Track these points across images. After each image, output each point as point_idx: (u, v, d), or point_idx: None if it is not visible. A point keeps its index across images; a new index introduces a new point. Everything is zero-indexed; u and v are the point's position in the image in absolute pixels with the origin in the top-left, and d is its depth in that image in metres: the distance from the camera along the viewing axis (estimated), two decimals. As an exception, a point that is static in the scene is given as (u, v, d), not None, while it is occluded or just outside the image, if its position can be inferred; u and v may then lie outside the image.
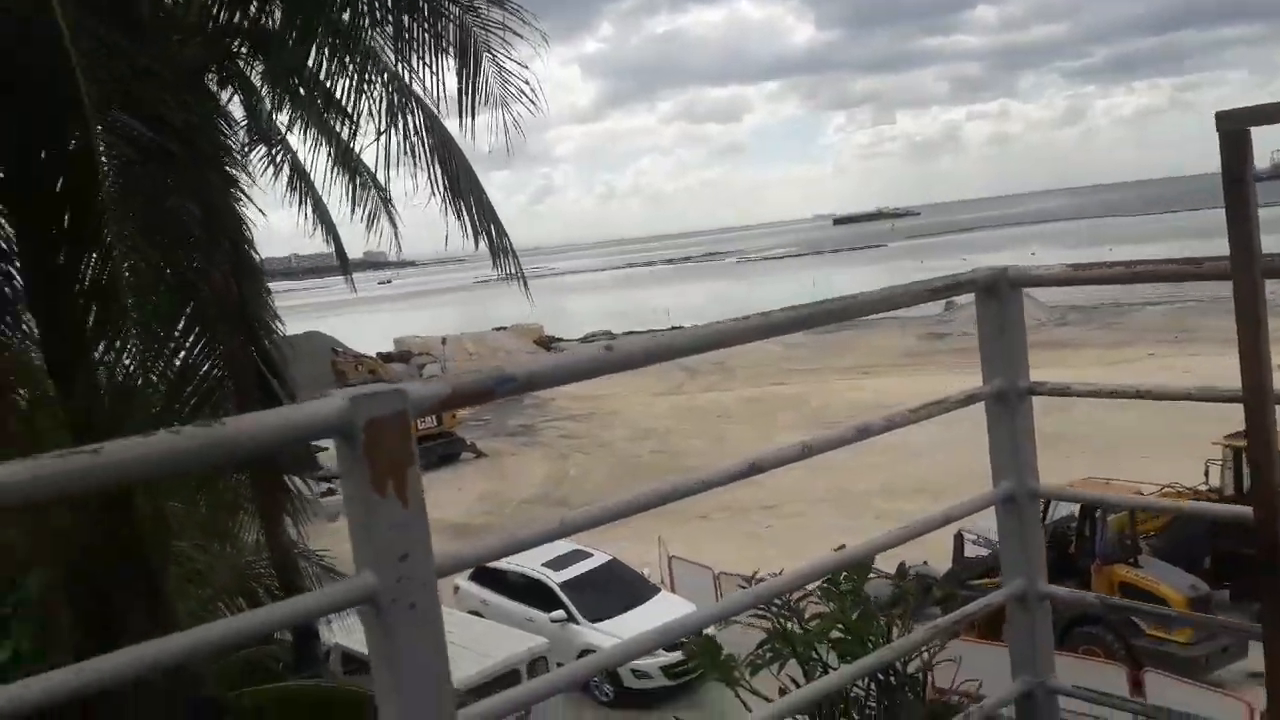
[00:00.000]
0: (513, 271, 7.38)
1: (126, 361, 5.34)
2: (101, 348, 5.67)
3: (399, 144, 6.73)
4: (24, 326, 5.82)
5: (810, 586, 3.99)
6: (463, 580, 18.50)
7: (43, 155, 5.59)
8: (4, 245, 5.58)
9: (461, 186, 6.88)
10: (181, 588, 7.36)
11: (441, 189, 6.84)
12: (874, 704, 2.91)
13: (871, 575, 4.34)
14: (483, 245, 7.37)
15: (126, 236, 4.70)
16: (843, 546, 2.50)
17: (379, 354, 54.74)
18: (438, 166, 6.82)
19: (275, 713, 8.99)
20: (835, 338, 49.93)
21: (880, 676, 2.87)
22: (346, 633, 12.74)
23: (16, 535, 7.36)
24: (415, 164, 6.74)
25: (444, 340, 59.51)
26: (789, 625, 3.14)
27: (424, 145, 6.79)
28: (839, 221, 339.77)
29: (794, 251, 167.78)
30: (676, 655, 15.40)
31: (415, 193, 6.84)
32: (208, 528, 9.20)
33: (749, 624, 3.88)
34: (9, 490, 1.10)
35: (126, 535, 6.15)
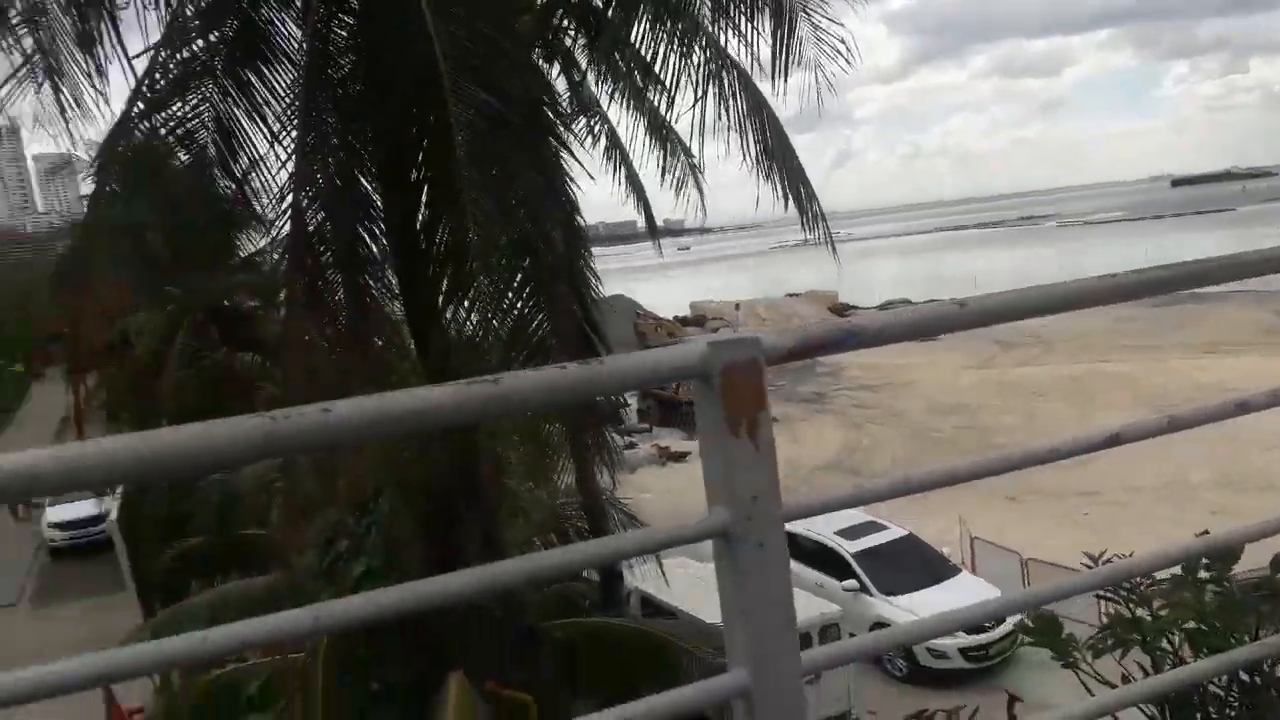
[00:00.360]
0: (821, 236, 7.30)
1: (473, 318, 5.88)
2: (451, 305, 6.25)
3: (714, 109, 6.85)
4: (387, 284, 6.54)
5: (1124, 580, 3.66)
6: (756, 540, 18.74)
7: (405, 130, 6.24)
8: (373, 210, 6.31)
9: (773, 150, 6.89)
10: (509, 520, 8.05)
11: (754, 153, 6.88)
12: (1236, 704, 2.61)
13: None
14: (782, 211, 7.34)
15: (476, 201, 5.17)
16: (1205, 532, 2.27)
17: (676, 318, 56.51)
18: (751, 130, 6.86)
19: (583, 646, 9.65)
20: (1174, 311, 44.51)
21: (1244, 676, 2.57)
22: (646, 579, 13.44)
23: (370, 466, 8.38)
24: (730, 128, 6.83)
25: (737, 306, 60.30)
26: (1137, 611, 2.89)
27: (739, 109, 6.85)
28: (1178, 183, 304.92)
29: (1122, 215, 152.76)
30: (979, 638, 14.82)
31: (726, 157, 6.93)
32: (530, 470, 10.01)
33: (1066, 616, 3.62)
34: (436, 412, 1.25)
35: (468, 470, 6.79)
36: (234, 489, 14.50)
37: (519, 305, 5.86)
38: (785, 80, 6.99)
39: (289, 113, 6.22)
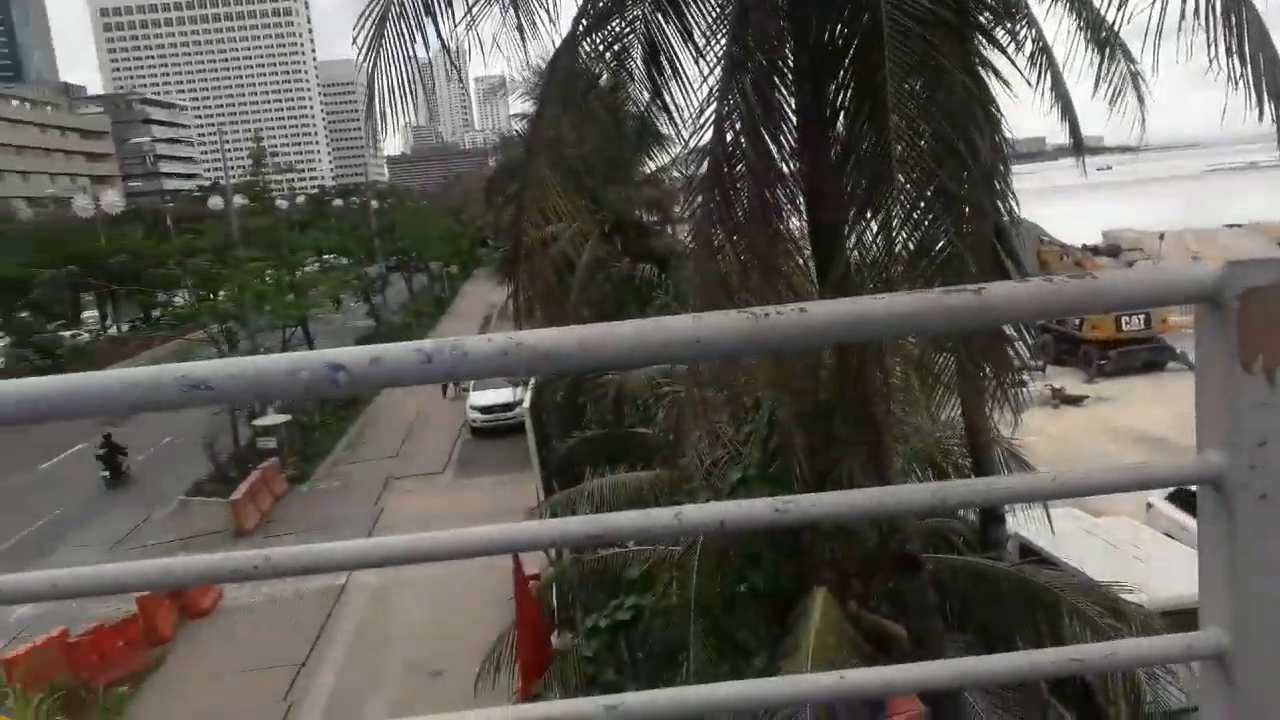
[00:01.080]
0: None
1: (879, 240, 5.72)
2: (858, 224, 6.11)
3: (1177, 5, 5.92)
4: (793, 199, 6.53)
5: None
6: (1158, 499, 17.06)
7: (830, 38, 6.09)
8: (786, 124, 6.28)
9: (1250, 52, 5.84)
10: (890, 445, 7.93)
11: (1226, 53, 5.87)
12: None
13: None
14: (1233, 127, 6.27)
15: (901, 108, 4.97)
16: None
17: (1084, 247, 51.69)
18: (1224, 29, 5.86)
19: (954, 584, 9.39)
20: None
21: None
22: (1028, 526, 12.70)
23: (756, 377, 8.60)
24: (1197, 25, 5.86)
25: (1161, 236, 53.60)
26: None
27: (1210, 4, 5.86)
28: None
29: None
30: None
31: (1189, 59, 5.99)
32: (910, 397, 9.77)
33: None
34: (908, 320, 1.21)
35: (858, 390, 6.74)
36: (626, 389, 15.69)
37: (928, 221, 5.61)
38: None
39: (716, 25, 6.36)
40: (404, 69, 6.29)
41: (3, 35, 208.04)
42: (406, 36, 6.25)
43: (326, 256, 60.47)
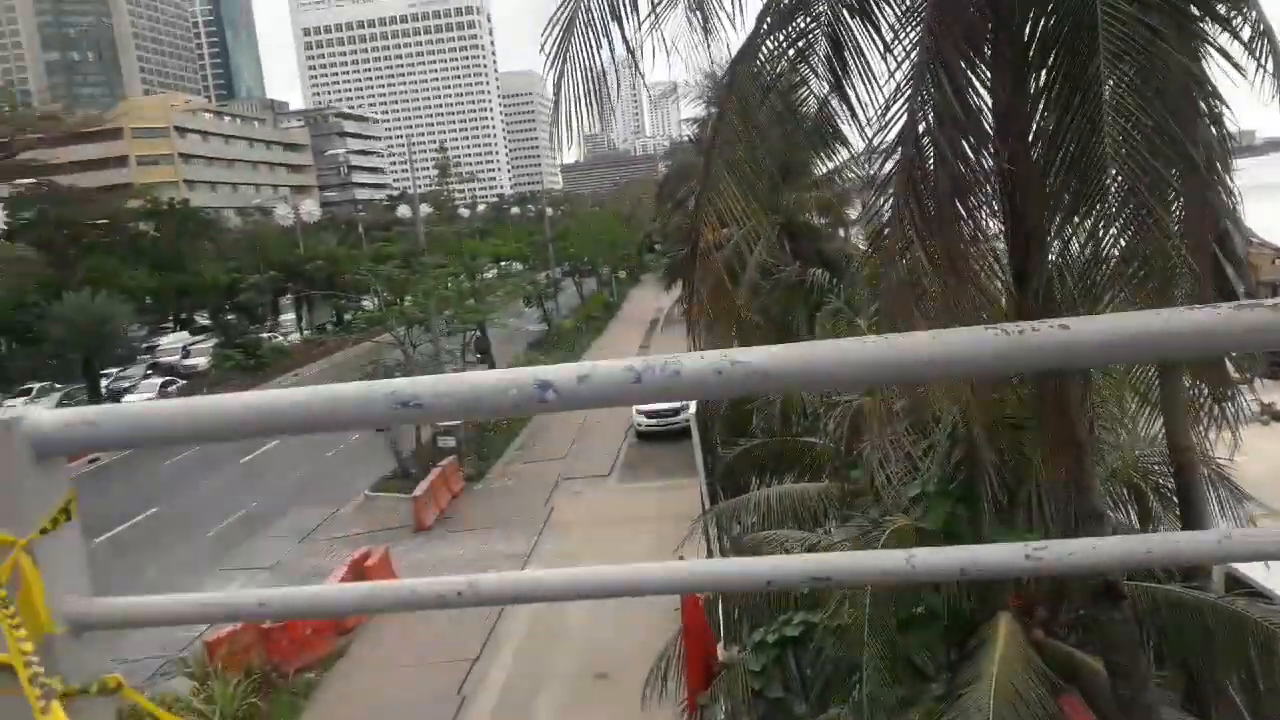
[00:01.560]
0: None
1: (1088, 247, 5.26)
2: (1065, 227, 5.66)
3: None
4: (989, 201, 6.11)
5: None
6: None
7: (1033, 26, 5.70)
8: (983, 120, 5.88)
9: None
10: (1091, 465, 7.39)
11: None
12: None
13: None
14: None
15: (1119, 99, 4.55)
16: None
17: (1301, 250, 47.18)
18: None
19: (1153, 615, 8.70)
20: None
21: None
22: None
23: (939, 391, 8.19)
24: None
25: (1397, 238, 48.26)
26: None
27: None
28: None
29: None
30: None
31: None
32: (1110, 412, 9.10)
33: None
34: (1185, 338, 1.03)
35: (1053, 404, 6.29)
36: (794, 399, 15.39)
37: (1140, 220, 5.12)
38: None
39: (906, 16, 6.05)
40: (589, 74, 6.30)
41: (219, 56, 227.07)
42: (592, 41, 6.26)
43: (504, 262, 62.62)
